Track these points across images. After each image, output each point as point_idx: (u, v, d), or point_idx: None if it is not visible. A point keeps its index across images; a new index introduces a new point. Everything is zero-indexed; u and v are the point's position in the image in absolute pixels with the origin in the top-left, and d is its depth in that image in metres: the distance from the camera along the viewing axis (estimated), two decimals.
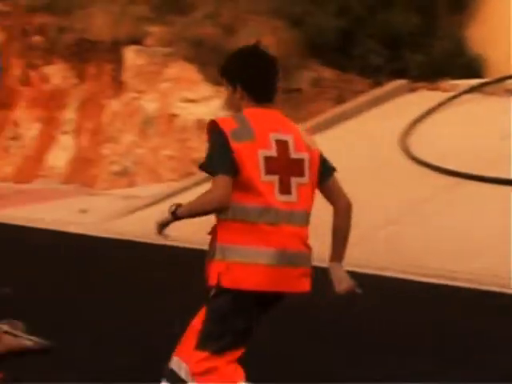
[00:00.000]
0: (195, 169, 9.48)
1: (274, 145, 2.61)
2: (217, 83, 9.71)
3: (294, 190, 2.61)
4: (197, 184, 9.10)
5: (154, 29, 10.43)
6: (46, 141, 11.79)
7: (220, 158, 2.53)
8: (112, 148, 10.56)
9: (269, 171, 2.56)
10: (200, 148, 9.50)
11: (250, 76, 2.67)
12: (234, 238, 2.52)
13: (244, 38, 9.61)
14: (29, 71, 12.18)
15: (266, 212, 2.53)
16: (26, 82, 12.27)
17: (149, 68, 10.29)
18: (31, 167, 11.67)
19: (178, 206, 2.61)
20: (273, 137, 2.62)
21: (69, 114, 11.55)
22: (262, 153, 2.57)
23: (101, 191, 9.93)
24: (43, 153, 11.78)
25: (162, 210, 2.63)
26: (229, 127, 2.54)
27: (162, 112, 10.07)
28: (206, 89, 9.89)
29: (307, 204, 2.65)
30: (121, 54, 10.61)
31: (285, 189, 2.59)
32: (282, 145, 2.63)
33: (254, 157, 2.55)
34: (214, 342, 2.51)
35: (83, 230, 7.33)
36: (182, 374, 2.58)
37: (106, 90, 10.80)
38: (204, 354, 2.50)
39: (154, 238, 6.85)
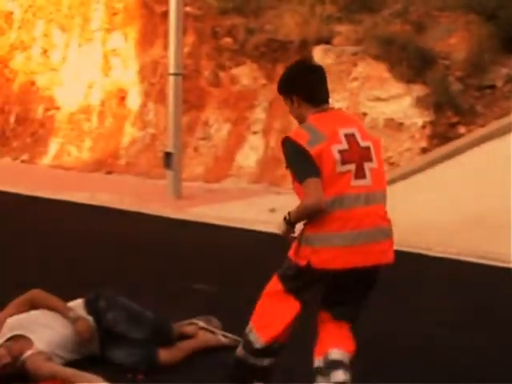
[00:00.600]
0: (386, 167, 10.37)
1: (343, 139, 3.40)
2: (407, 81, 10.50)
3: (367, 174, 3.40)
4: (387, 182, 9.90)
5: (342, 28, 11.42)
6: (236, 141, 13.03)
7: (305, 166, 3.32)
8: None
9: (344, 162, 3.35)
10: (390, 147, 10.36)
11: (299, 85, 3.53)
12: (316, 228, 3.34)
13: (435, 35, 10.40)
14: (219, 72, 13.49)
15: (339, 201, 3.32)
16: (215, 83, 13.57)
17: (337, 67, 11.27)
18: (221, 167, 12.86)
19: (289, 213, 3.46)
20: (341, 132, 3.41)
21: (258, 114, 12.73)
22: (336, 148, 3.36)
23: (289, 190, 10.85)
24: (233, 153, 12.99)
25: (278, 222, 3.53)
26: (303, 139, 3.36)
27: (351, 111, 10.97)
28: (395, 87, 10.69)
29: (381, 184, 3.47)
30: (309, 53, 11.58)
31: (360, 174, 3.39)
32: (350, 137, 3.43)
33: (329, 154, 3.33)
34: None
35: (272, 229, 8.45)
36: (250, 337, 3.59)
37: None
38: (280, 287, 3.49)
39: None
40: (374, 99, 10.83)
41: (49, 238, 8.60)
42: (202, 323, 4.77)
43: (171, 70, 11.73)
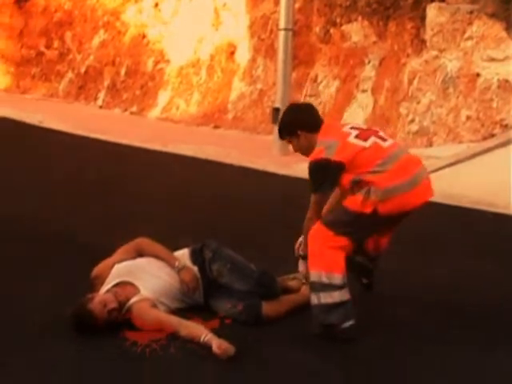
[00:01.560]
0: (497, 130, 10.17)
1: (350, 130, 4.26)
2: None
3: (386, 137, 4.29)
4: (500, 146, 9.76)
5: None
6: (344, 98, 12.99)
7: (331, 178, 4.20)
8: (411, 107, 11.46)
9: (366, 139, 4.21)
10: (503, 109, 10.13)
11: (302, 120, 4.40)
12: (380, 184, 4.03)
13: None
14: (329, 28, 13.43)
15: (386, 161, 4.10)
16: (326, 39, 13.53)
17: (451, 26, 11.07)
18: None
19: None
20: (345, 129, 4.29)
21: (368, 72, 12.61)
22: (351, 138, 4.19)
23: None
24: (341, 110, 13.00)
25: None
26: (320, 154, 4.15)
27: (464, 71, 10.79)
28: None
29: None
30: (423, 11, 11.39)
31: (383, 139, 4.26)
32: (354, 127, 4.34)
33: (351, 144, 4.15)
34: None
35: None
36: (323, 279, 4.08)
37: (407, 48, 11.69)
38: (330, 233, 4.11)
39: (454, 200, 7.83)
40: (489, 59, 10.59)
41: (155, 189, 8.87)
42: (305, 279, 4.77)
43: (281, 25, 11.77)
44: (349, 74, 13.18)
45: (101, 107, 18.79)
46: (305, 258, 4.54)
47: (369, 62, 12.82)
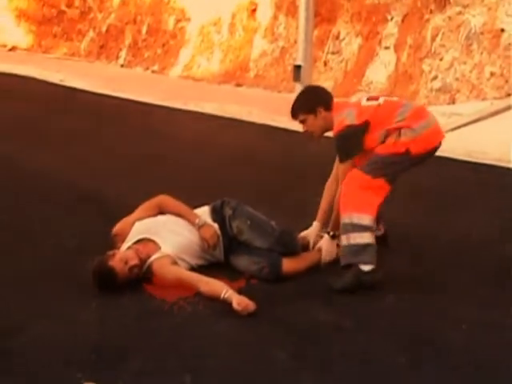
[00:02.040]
0: None
1: (360, 98, 4.70)
2: None
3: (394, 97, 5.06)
4: None
5: None
6: (367, 55, 12.87)
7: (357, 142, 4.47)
8: (434, 64, 11.35)
9: (377, 98, 4.55)
10: None
11: (321, 98, 4.66)
12: (408, 124, 4.35)
13: None
14: None
15: (404, 109, 4.44)
16: None
17: None
18: (351, 82, 12.84)
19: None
20: (353, 98, 5.00)
21: (390, 29, 12.48)
22: (363, 102, 4.54)
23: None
24: (363, 67, 12.88)
25: None
26: (343, 123, 4.44)
27: (488, 27, 10.67)
28: None
29: None
30: None
31: (390, 97, 4.85)
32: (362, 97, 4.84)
33: (366, 108, 4.46)
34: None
35: None
36: (354, 220, 4.26)
37: (430, 4, 11.56)
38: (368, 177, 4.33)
39: (477, 157, 7.79)
40: None
41: (176, 147, 8.89)
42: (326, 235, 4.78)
43: None
44: (371, 30, 13.03)
45: (122, 66, 18.77)
46: (333, 237, 4.66)
47: (391, 19, 12.67)
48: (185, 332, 3.74)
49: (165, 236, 4.53)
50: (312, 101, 4.64)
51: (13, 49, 21.52)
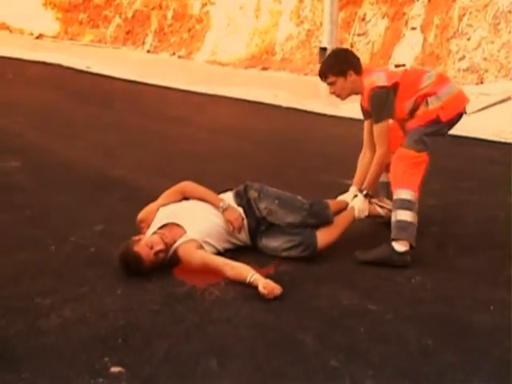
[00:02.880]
0: None
1: (387, 67, 4.88)
2: None
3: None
4: None
5: None
6: (393, 37, 12.78)
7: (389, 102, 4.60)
8: (461, 44, 11.24)
9: (403, 65, 4.68)
10: None
11: (352, 61, 4.70)
12: (433, 92, 4.51)
13: None
14: None
15: (428, 75, 4.59)
16: None
17: None
18: (378, 63, 12.81)
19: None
20: (379, 67, 5.10)
21: (417, 10, 12.37)
22: (392, 67, 4.71)
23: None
24: (390, 49, 12.81)
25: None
26: (377, 83, 4.57)
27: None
28: None
29: None
30: None
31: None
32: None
33: (395, 71, 4.61)
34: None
35: None
36: (409, 196, 4.40)
37: None
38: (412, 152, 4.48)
39: (505, 137, 7.72)
40: None
41: (203, 132, 8.90)
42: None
43: None
44: (397, 11, 12.94)
45: (148, 51, 18.79)
46: (366, 196, 4.85)
47: (418, 0, 12.57)
48: (210, 316, 3.74)
49: (190, 220, 4.53)
50: (343, 63, 4.69)
51: (40, 36, 21.64)
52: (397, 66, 4.70)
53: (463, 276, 4.21)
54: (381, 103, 4.59)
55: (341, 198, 4.97)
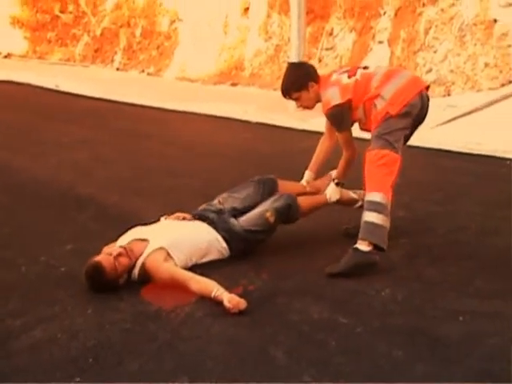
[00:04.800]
0: None
1: (340, 74, 4.80)
2: None
3: (369, 66, 4.94)
4: None
5: None
6: (361, 51, 12.88)
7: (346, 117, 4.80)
8: (428, 57, 11.36)
9: (355, 73, 4.73)
10: None
11: (311, 73, 4.86)
12: (378, 92, 4.58)
13: None
14: None
15: (376, 78, 4.66)
16: None
17: None
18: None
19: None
20: (335, 74, 4.82)
21: (383, 23, 12.48)
22: (344, 79, 4.72)
23: None
24: (358, 63, 12.86)
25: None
26: (332, 103, 4.70)
27: (480, 18, 10.63)
28: None
29: None
30: None
31: (366, 68, 4.84)
32: (342, 70, 4.87)
33: (347, 85, 4.67)
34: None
35: None
36: (377, 199, 4.44)
37: None
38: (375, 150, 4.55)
39: (472, 148, 7.79)
40: (506, 5, 10.44)
41: (173, 148, 8.89)
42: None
43: None
44: (364, 26, 13.05)
45: (117, 69, 18.77)
46: (337, 184, 5.15)
47: (384, 13, 12.68)
48: (182, 334, 3.73)
49: (156, 232, 4.55)
50: (302, 78, 4.86)
51: (8, 56, 21.53)
52: (350, 74, 4.74)
53: (433, 287, 4.23)
54: (339, 119, 4.81)
55: (301, 183, 5.34)
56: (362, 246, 4.40)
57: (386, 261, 4.49)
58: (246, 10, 15.56)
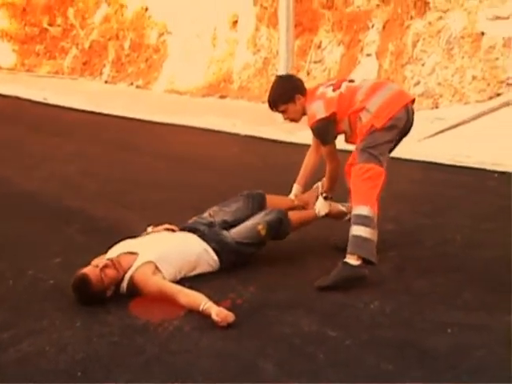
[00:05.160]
0: (503, 89, 10.11)
1: (326, 87, 4.80)
2: None
3: (354, 79, 4.96)
4: (505, 104, 9.72)
5: None
6: (349, 63, 12.93)
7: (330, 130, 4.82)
8: (416, 69, 11.42)
9: (339, 87, 4.75)
10: (508, 68, 10.06)
11: (297, 85, 4.91)
12: (363, 106, 4.59)
13: None
14: None
15: (362, 91, 4.67)
16: (328, 5, 13.49)
17: None
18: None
19: None
20: (321, 88, 4.83)
21: (372, 36, 12.53)
22: (329, 93, 4.73)
23: None
24: (346, 75, 12.87)
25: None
26: (317, 117, 4.72)
27: (468, 31, 10.71)
28: None
29: None
30: None
31: (352, 81, 4.88)
32: (327, 83, 4.89)
33: (332, 98, 4.69)
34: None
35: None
36: (364, 212, 4.45)
37: (410, 11, 11.61)
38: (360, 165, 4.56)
39: (460, 161, 7.82)
40: (493, 18, 10.51)
41: (162, 161, 8.89)
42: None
43: None
44: (353, 39, 13.10)
45: (106, 82, 18.77)
46: (326, 198, 5.18)
47: (372, 26, 12.74)
48: (170, 347, 3.73)
49: (144, 245, 4.55)
50: (289, 90, 4.89)
51: None
52: (335, 88, 4.75)
53: (421, 299, 4.24)
54: (323, 133, 4.84)
55: (290, 196, 5.38)
56: (351, 260, 4.41)
57: (374, 274, 4.49)
58: (235, 23, 15.61)
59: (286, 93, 4.88)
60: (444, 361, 3.48)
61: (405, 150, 5.15)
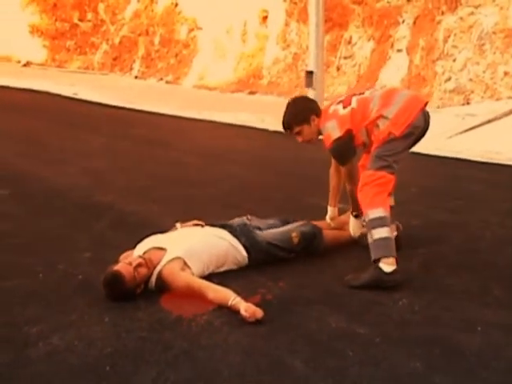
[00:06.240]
0: None
1: (337, 104, 4.77)
2: None
3: (364, 91, 4.94)
4: None
5: None
6: (380, 59, 12.85)
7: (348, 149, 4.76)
8: (447, 65, 11.32)
9: (350, 102, 4.73)
10: None
11: (312, 107, 4.87)
12: (381, 113, 4.55)
13: None
14: None
15: (374, 101, 4.64)
16: (358, 0, 13.36)
17: None
18: (364, 86, 12.69)
19: None
20: (332, 106, 4.82)
21: (402, 32, 12.44)
22: (341, 111, 4.70)
23: (435, 109, 10.86)
24: (376, 71, 12.86)
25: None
26: (332, 137, 4.67)
27: (500, 26, 10.59)
28: None
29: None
30: None
31: (362, 93, 4.81)
32: (338, 100, 4.86)
33: (345, 116, 4.66)
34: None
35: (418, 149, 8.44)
36: (380, 214, 4.43)
37: (441, 6, 11.51)
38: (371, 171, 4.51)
39: (490, 157, 7.75)
40: None
41: (191, 157, 8.92)
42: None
43: None
44: (383, 34, 13.04)
45: (136, 77, 18.86)
46: (356, 216, 5.06)
47: (403, 22, 12.67)
48: (199, 342, 3.73)
49: (173, 240, 4.57)
50: (304, 111, 4.83)
51: (27, 64, 21.69)
52: (345, 105, 4.71)
53: (450, 296, 4.22)
54: (341, 153, 4.78)
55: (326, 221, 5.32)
56: (385, 266, 4.35)
57: (403, 270, 4.47)
58: (265, 18, 15.61)
59: (300, 114, 4.82)
60: (473, 360, 3.45)
61: (434, 146, 5.11)
